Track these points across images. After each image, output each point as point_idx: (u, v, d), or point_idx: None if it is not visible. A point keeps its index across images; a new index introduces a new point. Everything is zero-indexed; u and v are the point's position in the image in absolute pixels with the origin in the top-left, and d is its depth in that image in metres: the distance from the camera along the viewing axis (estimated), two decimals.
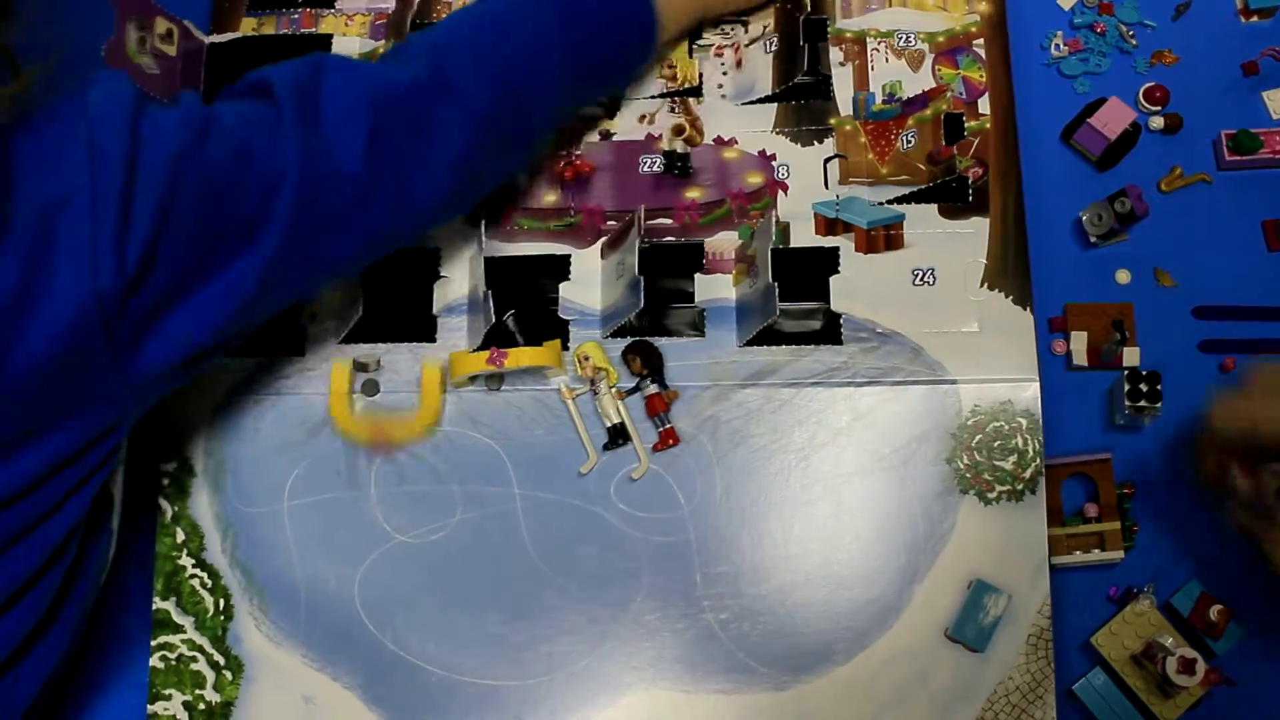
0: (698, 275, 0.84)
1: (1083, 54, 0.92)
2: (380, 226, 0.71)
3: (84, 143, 0.57)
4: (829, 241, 0.83)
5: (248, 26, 0.93)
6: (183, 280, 0.61)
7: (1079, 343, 0.85)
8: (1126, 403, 0.82)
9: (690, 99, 0.88)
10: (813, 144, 0.86)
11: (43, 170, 0.56)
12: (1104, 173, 0.90)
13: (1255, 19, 0.92)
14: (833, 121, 0.86)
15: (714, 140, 0.87)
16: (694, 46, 0.89)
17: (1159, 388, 0.81)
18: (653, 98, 0.88)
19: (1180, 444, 0.83)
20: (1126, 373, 0.82)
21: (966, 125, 0.85)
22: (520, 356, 0.79)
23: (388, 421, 0.81)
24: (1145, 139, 0.90)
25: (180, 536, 0.81)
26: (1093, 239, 0.87)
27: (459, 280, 0.85)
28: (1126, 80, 0.91)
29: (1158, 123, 0.90)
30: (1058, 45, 0.92)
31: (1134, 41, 0.92)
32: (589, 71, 0.80)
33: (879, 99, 0.86)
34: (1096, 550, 0.82)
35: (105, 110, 0.58)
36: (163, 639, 0.80)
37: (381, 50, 0.90)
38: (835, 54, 0.88)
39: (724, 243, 0.84)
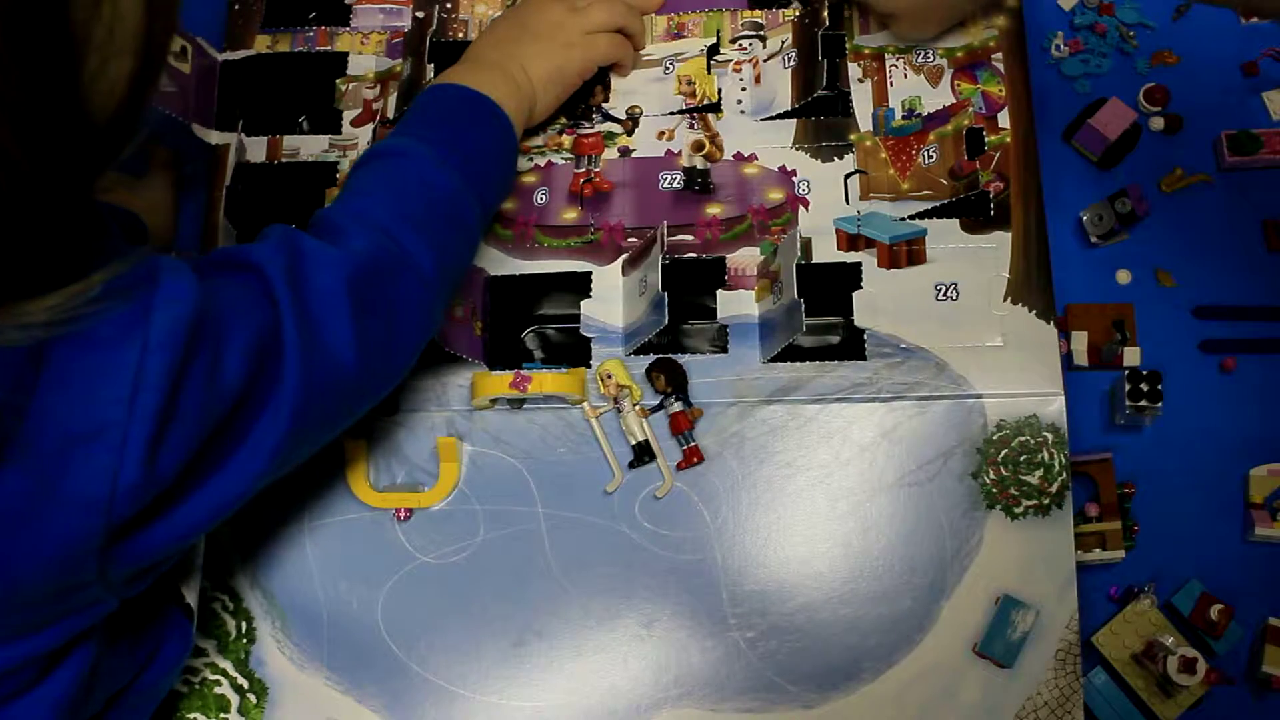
0: (720, 291, 0.83)
1: (1083, 54, 0.93)
2: (371, 401, 0.71)
3: (131, 375, 0.51)
4: (851, 257, 0.83)
5: (262, 44, 0.92)
6: (180, 499, 0.57)
7: (1079, 343, 0.86)
8: (1127, 403, 0.82)
9: (709, 115, 0.88)
10: (833, 160, 0.86)
11: (79, 393, 0.50)
12: (1105, 173, 0.90)
13: (1255, 20, 0.93)
14: (853, 137, 0.86)
15: (734, 156, 0.87)
16: (712, 62, 0.89)
17: (1159, 388, 0.82)
18: (671, 114, 0.88)
19: None
20: (1127, 373, 0.83)
21: (987, 140, 0.85)
22: (544, 382, 0.79)
23: (408, 497, 0.81)
24: (1146, 139, 0.90)
25: (200, 559, 0.80)
26: (1093, 239, 0.88)
27: None
28: (1127, 81, 0.92)
29: (1158, 123, 0.90)
30: (1058, 46, 0.93)
31: (1134, 42, 0.93)
32: (494, 203, 0.82)
33: (899, 115, 0.86)
34: (1097, 550, 0.82)
35: (164, 339, 0.52)
36: (185, 662, 0.79)
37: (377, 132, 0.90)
38: (854, 70, 0.88)
39: (746, 259, 0.84)
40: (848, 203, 0.85)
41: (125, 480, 0.52)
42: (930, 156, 0.85)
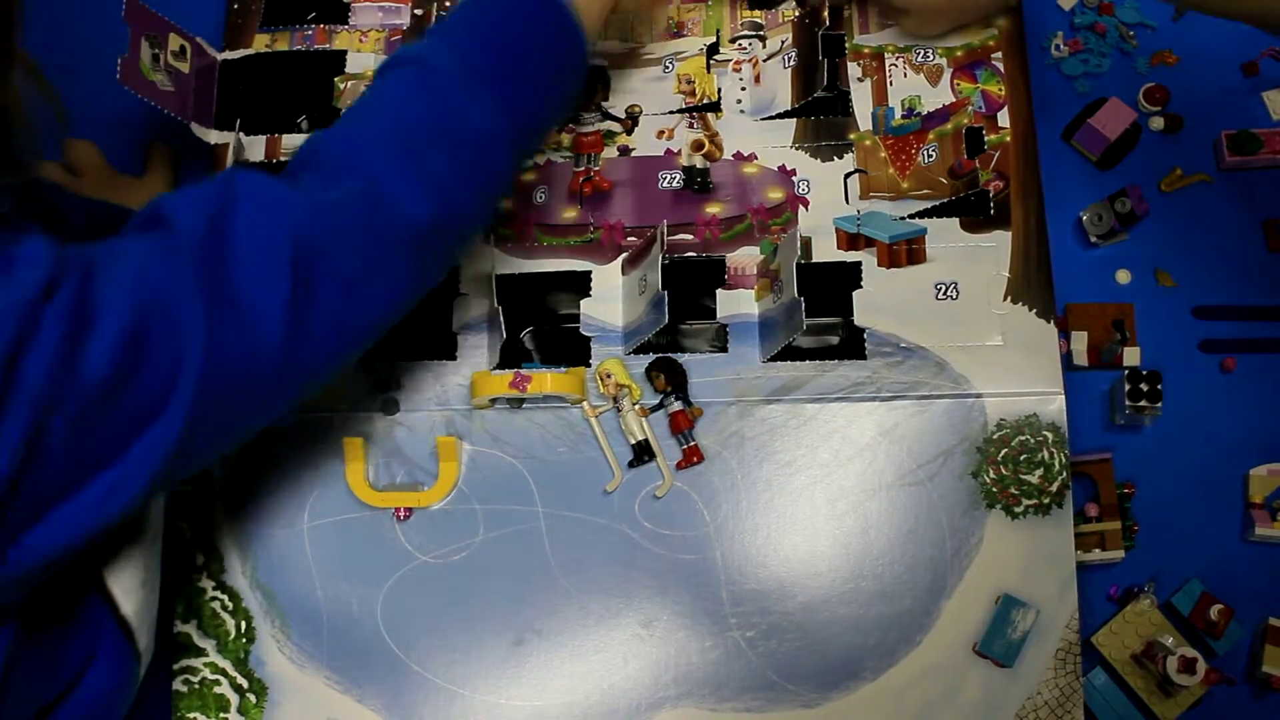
0: (720, 291, 0.83)
1: (1083, 54, 0.93)
2: (310, 383, 0.62)
3: None
4: (851, 256, 0.83)
5: (261, 43, 0.92)
6: (71, 476, 0.52)
7: (1079, 343, 0.86)
8: (1127, 402, 0.82)
9: (709, 114, 0.88)
10: (832, 159, 0.86)
11: None
12: (1104, 173, 0.90)
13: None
14: (852, 137, 0.86)
15: (733, 155, 0.87)
16: (711, 61, 0.89)
17: (1159, 387, 0.82)
18: (671, 113, 0.88)
19: None
20: (1127, 372, 0.83)
21: (986, 139, 0.85)
22: (544, 382, 0.79)
23: (408, 496, 0.81)
24: (1145, 139, 0.90)
25: (200, 559, 0.81)
26: (1093, 239, 0.88)
27: (478, 297, 0.85)
28: (1127, 80, 0.92)
29: (1158, 123, 0.91)
30: (1058, 46, 0.93)
31: (1134, 42, 0.93)
32: (537, 123, 0.71)
33: (898, 114, 0.86)
34: (1097, 550, 0.82)
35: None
36: (185, 662, 0.79)
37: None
38: (853, 69, 0.88)
39: (745, 258, 0.84)
40: (847, 202, 0.85)
41: None
42: (930, 155, 0.85)
